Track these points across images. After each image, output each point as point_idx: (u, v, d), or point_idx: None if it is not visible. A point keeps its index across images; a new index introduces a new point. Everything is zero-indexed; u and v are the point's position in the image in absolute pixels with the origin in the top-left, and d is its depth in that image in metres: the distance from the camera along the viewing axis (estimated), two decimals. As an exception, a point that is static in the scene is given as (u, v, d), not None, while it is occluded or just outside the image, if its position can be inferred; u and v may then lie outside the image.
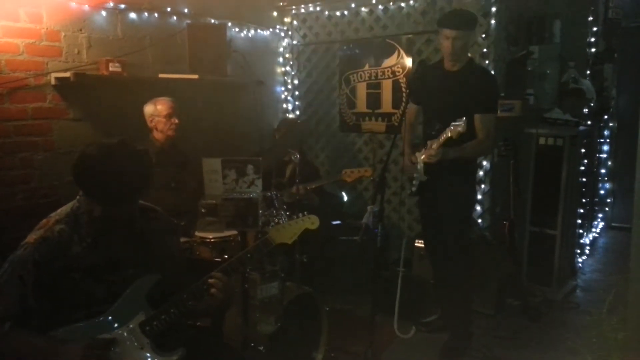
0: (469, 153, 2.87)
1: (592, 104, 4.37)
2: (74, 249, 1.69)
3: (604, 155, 5.23)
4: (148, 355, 1.70)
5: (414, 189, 3.05)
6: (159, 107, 3.18)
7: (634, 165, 2.47)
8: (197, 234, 2.92)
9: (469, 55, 3.04)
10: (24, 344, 1.61)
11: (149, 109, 3.20)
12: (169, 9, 3.68)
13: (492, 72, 3.51)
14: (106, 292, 1.71)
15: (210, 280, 1.76)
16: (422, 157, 2.89)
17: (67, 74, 3.01)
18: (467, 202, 3.11)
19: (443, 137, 2.72)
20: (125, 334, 1.70)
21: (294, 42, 4.79)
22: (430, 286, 3.47)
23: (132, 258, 1.78)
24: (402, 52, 4.18)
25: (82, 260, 1.69)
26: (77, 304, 1.68)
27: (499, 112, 3.58)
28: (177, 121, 3.21)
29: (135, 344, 1.69)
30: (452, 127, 2.67)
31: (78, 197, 1.77)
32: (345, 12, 4.44)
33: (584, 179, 4.35)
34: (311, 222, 1.99)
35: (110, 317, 1.71)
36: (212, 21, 3.98)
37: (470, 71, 2.91)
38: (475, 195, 3.32)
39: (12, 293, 1.62)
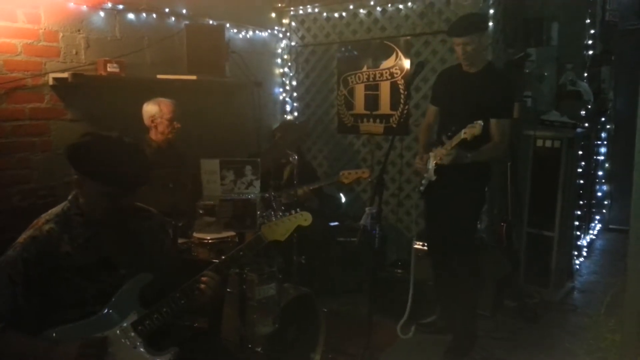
0: (483, 156, 2.85)
1: (589, 106, 4.38)
2: (64, 248, 1.70)
3: (602, 157, 5.24)
4: (141, 354, 1.70)
5: (422, 188, 3.05)
6: (163, 109, 3.16)
7: (631, 167, 2.48)
8: (195, 234, 2.92)
9: (488, 58, 3.01)
10: (17, 346, 1.60)
11: (151, 108, 3.18)
12: (167, 10, 3.69)
13: (508, 77, 3.41)
14: (99, 292, 1.71)
15: (202, 279, 1.76)
16: (434, 158, 2.88)
17: (65, 75, 3.00)
18: (475, 204, 3.08)
19: (457, 138, 2.71)
20: (118, 333, 1.70)
21: (292, 43, 4.79)
22: (428, 287, 3.47)
23: (125, 258, 1.79)
24: (400, 53, 4.19)
25: (74, 260, 1.69)
26: (70, 303, 1.68)
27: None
28: (179, 125, 3.21)
29: (128, 343, 1.69)
30: (467, 129, 2.65)
31: (70, 197, 1.78)
32: (344, 14, 4.45)
33: (582, 181, 4.36)
34: (304, 218, 1.98)
35: (102, 317, 1.71)
36: (211, 22, 3.98)
37: (487, 75, 2.90)
38: (485, 198, 3.26)
39: (3, 293, 1.62)
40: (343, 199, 4.51)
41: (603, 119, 5.11)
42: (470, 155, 2.76)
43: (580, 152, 4.21)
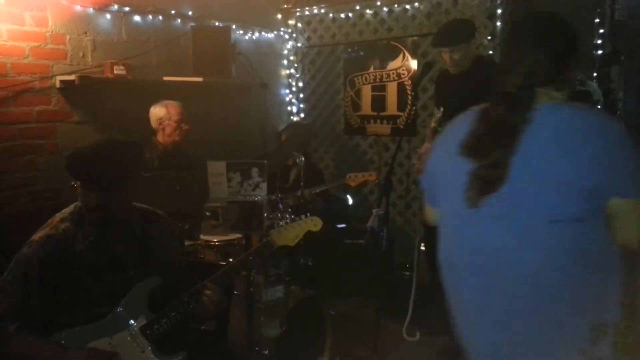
0: None
1: (599, 106, 4.34)
2: (78, 246, 1.71)
3: (611, 158, 5.19)
4: (149, 358, 1.69)
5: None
6: (171, 111, 3.16)
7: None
8: (202, 237, 2.91)
9: (477, 54, 3.06)
10: (28, 346, 1.60)
11: (159, 111, 3.18)
12: (173, 12, 3.69)
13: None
14: (108, 293, 1.72)
15: (206, 292, 1.76)
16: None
17: (72, 77, 3.01)
18: None
19: (431, 130, 2.80)
20: (126, 337, 1.70)
21: (299, 44, 4.78)
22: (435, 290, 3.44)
23: (133, 260, 1.78)
24: (407, 54, 4.17)
25: (85, 259, 1.70)
26: (79, 304, 1.69)
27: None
28: (186, 127, 3.21)
29: (137, 347, 1.69)
30: (434, 119, 2.78)
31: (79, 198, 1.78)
32: (350, 15, 4.44)
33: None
34: (314, 224, 1.97)
35: (112, 320, 1.71)
36: (217, 24, 3.98)
37: (477, 67, 2.92)
38: None
39: (18, 291, 1.63)
40: (350, 201, 4.49)
41: (612, 119, 5.06)
42: None
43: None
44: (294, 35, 4.77)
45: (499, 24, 3.67)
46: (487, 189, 1.23)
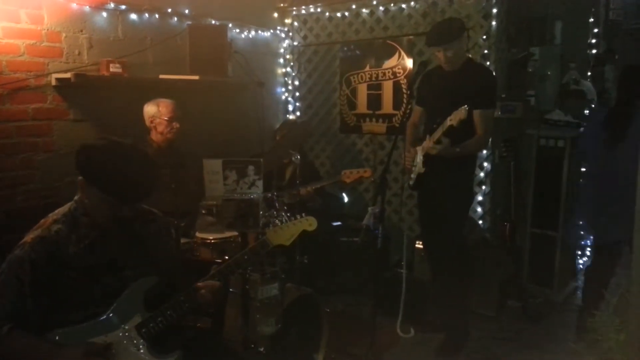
0: (469, 149, 2.90)
1: (593, 105, 4.37)
2: (71, 249, 1.69)
3: (605, 157, 5.22)
4: (144, 357, 1.70)
5: (411, 182, 3.09)
6: (162, 109, 3.16)
7: (635, 166, 2.53)
8: (198, 234, 2.92)
9: (469, 55, 3.08)
10: (22, 346, 1.60)
11: (150, 109, 3.18)
12: (169, 10, 3.68)
13: (491, 69, 3.54)
14: (103, 294, 1.71)
15: (200, 285, 1.77)
16: (422, 150, 2.94)
17: (68, 75, 3.01)
18: (464, 200, 3.11)
19: (443, 127, 2.75)
20: (121, 336, 1.70)
21: (295, 43, 4.79)
22: (429, 286, 3.46)
23: (130, 260, 1.78)
24: (403, 53, 4.18)
25: (79, 261, 1.69)
26: (74, 304, 1.68)
27: (499, 113, 3.60)
28: (178, 125, 3.20)
29: (132, 346, 1.69)
30: (452, 116, 2.68)
31: (76, 198, 1.77)
32: (346, 13, 4.44)
33: (585, 180, 4.36)
34: (309, 223, 1.99)
35: (107, 319, 1.70)
36: (213, 22, 3.98)
37: (468, 69, 2.96)
38: (473, 193, 3.34)
39: (10, 293, 1.62)
40: (346, 199, 4.50)
41: (607, 118, 5.10)
42: (458, 149, 2.82)
43: (584, 152, 4.20)
44: (291, 33, 4.77)
45: (494, 23, 3.69)
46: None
